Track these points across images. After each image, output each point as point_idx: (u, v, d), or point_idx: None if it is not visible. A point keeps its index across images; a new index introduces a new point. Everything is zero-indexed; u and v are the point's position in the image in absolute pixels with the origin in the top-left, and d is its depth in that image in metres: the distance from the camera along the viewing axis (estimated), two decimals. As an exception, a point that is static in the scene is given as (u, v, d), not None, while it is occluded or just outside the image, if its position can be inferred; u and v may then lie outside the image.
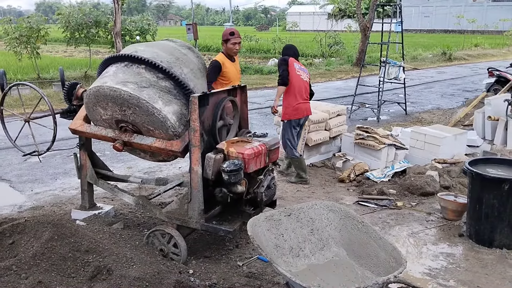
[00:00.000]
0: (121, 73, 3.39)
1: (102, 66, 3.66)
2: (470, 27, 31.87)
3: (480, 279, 3.33)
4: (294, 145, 5.30)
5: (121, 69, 3.43)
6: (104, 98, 3.36)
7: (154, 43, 3.95)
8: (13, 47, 12.80)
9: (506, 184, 3.61)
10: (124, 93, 3.25)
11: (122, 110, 3.36)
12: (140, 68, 3.40)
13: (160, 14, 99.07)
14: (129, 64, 3.43)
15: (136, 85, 3.29)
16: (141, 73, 3.37)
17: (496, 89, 9.38)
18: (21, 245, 2.93)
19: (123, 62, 3.47)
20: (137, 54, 3.41)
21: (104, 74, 3.52)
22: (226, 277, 3.21)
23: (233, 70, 4.74)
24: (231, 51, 4.72)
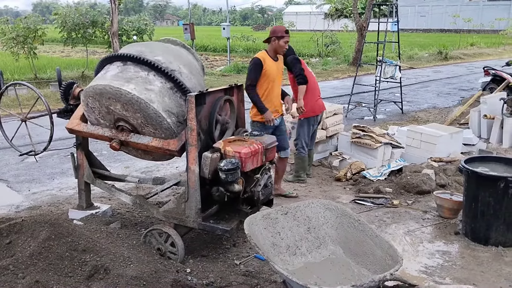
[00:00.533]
0: (120, 72, 3.40)
1: (100, 65, 3.66)
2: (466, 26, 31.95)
3: (476, 277, 3.35)
4: (306, 143, 5.29)
5: (120, 68, 3.43)
6: (101, 97, 3.36)
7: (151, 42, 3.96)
8: (10, 47, 12.76)
9: (502, 182, 3.63)
10: (122, 92, 3.25)
11: (120, 109, 3.36)
12: (138, 68, 3.40)
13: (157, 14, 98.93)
14: (126, 63, 3.43)
15: (133, 84, 3.30)
16: (138, 72, 3.38)
17: (491, 88, 9.42)
18: (18, 245, 2.93)
19: (122, 61, 3.47)
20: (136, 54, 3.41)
21: (102, 73, 3.52)
22: (223, 276, 3.22)
23: (274, 69, 4.54)
24: (282, 49, 4.51)
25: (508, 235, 3.75)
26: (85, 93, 3.48)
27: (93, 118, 3.62)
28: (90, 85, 3.45)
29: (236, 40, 27.50)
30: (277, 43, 4.47)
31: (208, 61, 21.91)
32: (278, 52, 4.55)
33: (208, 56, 24.65)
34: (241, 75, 16.61)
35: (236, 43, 26.59)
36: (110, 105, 3.38)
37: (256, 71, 4.41)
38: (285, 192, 4.96)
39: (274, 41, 4.47)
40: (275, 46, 4.50)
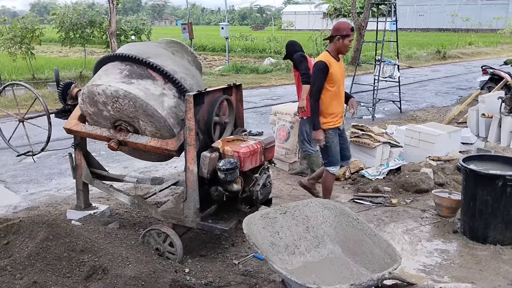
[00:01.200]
0: (117, 72, 3.39)
1: (98, 64, 3.65)
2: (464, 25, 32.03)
3: (474, 275, 3.35)
4: (310, 142, 5.28)
5: (119, 68, 3.42)
6: (99, 96, 3.35)
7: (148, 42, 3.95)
8: (8, 48, 12.74)
9: (500, 181, 3.63)
10: (121, 92, 3.24)
11: (119, 109, 3.35)
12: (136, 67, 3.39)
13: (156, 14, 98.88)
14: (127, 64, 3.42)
15: (134, 85, 3.29)
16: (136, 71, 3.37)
17: (490, 87, 9.44)
18: (16, 246, 2.92)
19: (121, 61, 3.46)
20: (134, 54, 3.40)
21: (99, 73, 3.51)
22: (222, 276, 3.22)
23: (338, 71, 4.15)
24: (346, 49, 4.17)
25: (506, 233, 3.75)
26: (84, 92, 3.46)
27: (92, 118, 3.61)
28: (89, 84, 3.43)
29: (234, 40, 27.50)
30: (341, 42, 4.09)
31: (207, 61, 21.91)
32: (341, 52, 4.17)
33: (206, 56, 24.64)
34: (239, 74, 16.61)
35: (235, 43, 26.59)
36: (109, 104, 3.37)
37: (322, 76, 4.04)
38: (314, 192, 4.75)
39: (338, 40, 4.09)
40: (338, 45, 4.12)
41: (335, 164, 4.31)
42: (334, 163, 4.30)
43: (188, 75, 3.55)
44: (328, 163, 4.31)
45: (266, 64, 18.87)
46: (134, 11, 74.44)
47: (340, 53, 4.18)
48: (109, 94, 3.30)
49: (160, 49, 3.61)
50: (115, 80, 3.32)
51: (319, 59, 4.13)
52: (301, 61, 4.98)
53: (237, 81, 4.14)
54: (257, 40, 26.69)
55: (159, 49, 3.61)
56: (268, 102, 11.18)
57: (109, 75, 3.39)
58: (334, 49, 4.14)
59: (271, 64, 18.87)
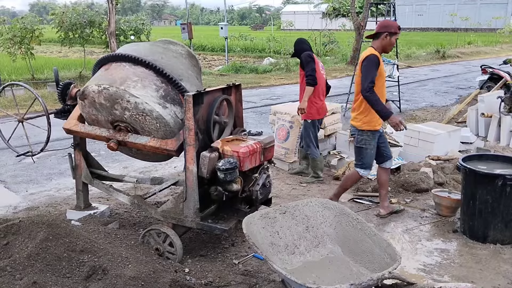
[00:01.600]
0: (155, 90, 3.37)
1: (97, 64, 3.64)
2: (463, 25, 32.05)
3: (475, 274, 3.35)
4: (315, 144, 5.27)
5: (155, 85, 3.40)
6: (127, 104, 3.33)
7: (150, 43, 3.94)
8: (7, 48, 12.73)
9: (500, 180, 3.64)
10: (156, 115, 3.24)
11: (119, 109, 3.35)
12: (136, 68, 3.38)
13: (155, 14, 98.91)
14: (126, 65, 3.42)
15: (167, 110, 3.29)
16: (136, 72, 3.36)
17: (489, 86, 9.45)
18: (16, 246, 2.92)
19: (120, 62, 3.46)
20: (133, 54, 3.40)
21: (99, 73, 3.51)
22: (222, 276, 3.21)
23: (383, 69, 4.09)
24: (391, 46, 4.05)
25: (506, 232, 3.75)
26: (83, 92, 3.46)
27: (91, 118, 3.60)
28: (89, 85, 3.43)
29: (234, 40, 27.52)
30: (388, 39, 3.96)
31: (206, 61, 21.91)
32: (386, 50, 4.04)
33: (206, 56, 24.65)
34: (239, 74, 16.61)
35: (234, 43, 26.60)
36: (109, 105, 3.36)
37: (375, 68, 3.87)
38: (395, 209, 4.41)
39: (386, 37, 3.95)
40: (385, 42, 3.98)
41: (366, 168, 4.20)
42: (367, 166, 4.19)
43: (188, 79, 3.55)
44: (360, 165, 4.21)
45: (265, 64, 18.88)
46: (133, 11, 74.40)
47: (384, 51, 4.03)
48: (140, 109, 3.28)
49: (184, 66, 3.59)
50: (152, 99, 3.28)
51: (371, 52, 3.93)
52: (308, 61, 4.93)
53: (237, 81, 4.14)
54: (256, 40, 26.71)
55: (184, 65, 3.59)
56: (268, 102, 11.18)
57: (146, 88, 3.31)
58: (380, 46, 4.00)
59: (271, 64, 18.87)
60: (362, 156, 4.18)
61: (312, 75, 4.89)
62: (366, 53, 3.98)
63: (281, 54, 22.04)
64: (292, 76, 16.35)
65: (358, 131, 4.14)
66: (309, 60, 4.95)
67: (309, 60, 4.95)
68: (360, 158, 4.21)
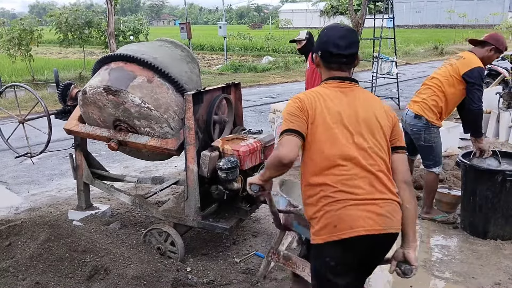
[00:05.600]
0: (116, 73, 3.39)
1: (97, 65, 3.65)
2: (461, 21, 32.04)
3: (475, 270, 3.36)
4: None
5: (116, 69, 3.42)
6: (100, 97, 3.35)
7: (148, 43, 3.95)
8: (7, 50, 12.74)
9: (499, 176, 3.65)
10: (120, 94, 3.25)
11: (119, 110, 3.35)
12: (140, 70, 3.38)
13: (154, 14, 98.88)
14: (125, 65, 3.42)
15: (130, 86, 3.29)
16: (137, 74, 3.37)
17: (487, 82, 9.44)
18: (18, 247, 2.93)
19: (120, 62, 3.46)
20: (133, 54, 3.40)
21: (98, 73, 3.51)
22: (223, 274, 3.23)
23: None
24: (490, 61, 4.00)
25: (506, 228, 3.76)
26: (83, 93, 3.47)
27: (91, 119, 3.61)
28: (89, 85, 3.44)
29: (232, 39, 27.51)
30: (492, 54, 3.88)
31: (205, 60, 21.90)
32: (485, 62, 3.91)
33: (205, 55, 24.63)
34: (238, 73, 16.62)
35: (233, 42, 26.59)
36: (109, 105, 3.37)
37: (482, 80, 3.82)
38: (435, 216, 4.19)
39: (491, 51, 3.86)
40: (488, 55, 3.88)
41: (440, 164, 4.10)
42: (440, 163, 4.09)
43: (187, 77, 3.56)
44: (434, 164, 4.04)
45: (264, 63, 18.88)
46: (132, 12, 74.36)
47: (483, 62, 3.88)
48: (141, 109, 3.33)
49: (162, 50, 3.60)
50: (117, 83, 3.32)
51: (479, 64, 3.80)
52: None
53: (236, 79, 4.15)
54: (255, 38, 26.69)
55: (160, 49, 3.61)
56: (267, 101, 11.18)
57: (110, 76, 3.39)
58: (483, 57, 3.88)
59: (270, 62, 18.87)
60: (434, 154, 4.04)
61: None
62: (475, 63, 3.81)
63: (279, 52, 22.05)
64: (291, 74, 16.36)
65: (427, 129, 3.93)
66: None
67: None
68: (432, 156, 4.05)
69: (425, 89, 4.03)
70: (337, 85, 2.05)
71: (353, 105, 2.00)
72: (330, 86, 2.06)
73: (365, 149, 1.93)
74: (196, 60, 3.85)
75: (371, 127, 1.98)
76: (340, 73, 2.07)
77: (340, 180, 1.88)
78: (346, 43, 2.02)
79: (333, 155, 1.91)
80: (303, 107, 2.01)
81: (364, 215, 1.84)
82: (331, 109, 1.97)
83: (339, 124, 1.95)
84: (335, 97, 2.01)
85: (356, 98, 2.03)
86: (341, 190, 1.87)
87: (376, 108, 2.05)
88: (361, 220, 1.83)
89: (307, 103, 2.00)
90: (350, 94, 2.04)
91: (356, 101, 2.02)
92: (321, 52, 2.07)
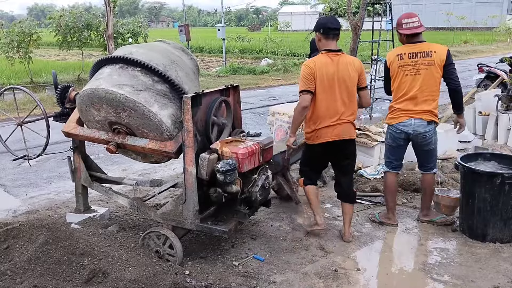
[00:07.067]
0: (116, 75, 3.38)
1: (95, 67, 3.64)
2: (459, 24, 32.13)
3: (474, 273, 3.36)
4: None
5: (116, 71, 3.41)
6: (98, 100, 3.35)
7: (148, 44, 3.94)
8: (5, 52, 12.73)
9: (498, 179, 3.65)
10: (120, 96, 3.24)
11: (117, 112, 3.35)
12: (135, 70, 3.38)
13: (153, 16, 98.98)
14: (124, 66, 3.41)
15: (132, 88, 3.28)
16: (136, 75, 3.36)
17: (486, 85, 9.47)
18: (16, 250, 2.92)
19: (117, 64, 3.46)
20: (132, 56, 3.40)
21: (98, 75, 3.51)
22: (222, 277, 3.22)
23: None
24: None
25: (505, 231, 3.76)
26: (81, 96, 3.46)
27: (89, 121, 3.60)
28: (86, 88, 3.43)
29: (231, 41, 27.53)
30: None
31: (204, 62, 21.91)
32: None
33: (203, 57, 24.65)
34: (236, 75, 16.63)
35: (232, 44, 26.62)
36: (106, 108, 3.36)
37: None
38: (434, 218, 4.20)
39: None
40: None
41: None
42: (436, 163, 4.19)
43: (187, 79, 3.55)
44: (434, 165, 4.09)
45: (263, 65, 18.90)
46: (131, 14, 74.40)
47: None
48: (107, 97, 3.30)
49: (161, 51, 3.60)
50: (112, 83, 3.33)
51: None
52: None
53: (235, 82, 4.13)
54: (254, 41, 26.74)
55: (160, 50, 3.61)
56: (266, 103, 11.18)
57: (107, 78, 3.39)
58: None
59: (268, 64, 18.89)
60: (436, 154, 4.10)
61: None
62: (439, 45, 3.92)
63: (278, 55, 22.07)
64: (289, 76, 16.37)
65: (434, 131, 3.94)
66: None
67: None
68: (435, 157, 4.09)
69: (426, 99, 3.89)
70: (329, 55, 3.57)
71: (338, 68, 3.55)
72: (326, 55, 3.58)
73: (342, 98, 3.58)
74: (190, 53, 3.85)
75: (345, 81, 3.57)
76: (332, 45, 3.60)
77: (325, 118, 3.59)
78: (336, 23, 3.64)
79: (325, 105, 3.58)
80: (312, 72, 3.52)
81: (330, 131, 3.61)
82: (325, 73, 3.52)
83: (328, 83, 3.53)
84: (329, 63, 3.54)
85: (340, 63, 3.56)
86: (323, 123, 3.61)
87: (351, 66, 3.58)
88: (329, 134, 3.62)
89: (314, 69, 3.51)
90: (336, 60, 3.57)
91: (340, 65, 3.56)
92: (323, 29, 3.58)
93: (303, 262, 3.55)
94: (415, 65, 3.80)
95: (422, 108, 3.87)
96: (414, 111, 3.87)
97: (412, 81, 3.83)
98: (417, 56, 3.80)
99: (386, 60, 3.96)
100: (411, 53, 3.83)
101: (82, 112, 3.58)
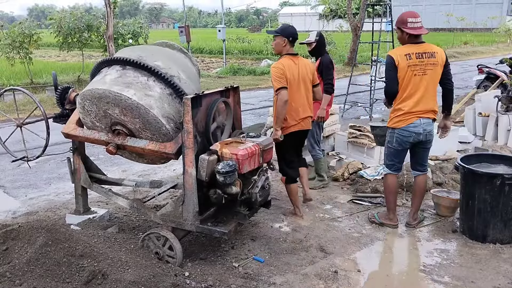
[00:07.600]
0: (119, 77, 3.38)
1: (96, 68, 3.64)
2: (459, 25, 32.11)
3: (475, 274, 3.36)
4: (319, 145, 5.19)
5: (119, 73, 3.41)
6: (98, 101, 3.34)
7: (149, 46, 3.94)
8: (6, 53, 12.73)
9: (498, 179, 3.65)
10: (122, 97, 3.24)
11: (117, 113, 3.35)
12: (137, 72, 3.38)
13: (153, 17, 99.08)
14: (125, 68, 3.42)
15: (133, 90, 3.28)
16: (138, 77, 3.36)
17: (486, 86, 9.48)
18: (15, 251, 2.91)
19: (121, 65, 3.46)
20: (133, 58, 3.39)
21: (100, 76, 3.51)
22: (222, 279, 3.21)
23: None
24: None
25: (505, 232, 3.76)
26: (82, 96, 3.46)
27: (89, 122, 3.60)
28: (87, 88, 3.43)
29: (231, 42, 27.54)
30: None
31: (204, 63, 21.92)
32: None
33: (204, 58, 24.65)
34: (237, 76, 16.63)
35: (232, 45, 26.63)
36: (108, 109, 3.36)
37: None
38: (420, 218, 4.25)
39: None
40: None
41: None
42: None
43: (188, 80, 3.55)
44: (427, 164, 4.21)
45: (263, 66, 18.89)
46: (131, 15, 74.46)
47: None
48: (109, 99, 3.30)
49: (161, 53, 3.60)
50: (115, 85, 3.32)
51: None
52: (330, 68, 4.89)
53: (235, 83, 4.14)
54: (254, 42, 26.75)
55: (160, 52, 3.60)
56: (266, 104, 11.18)
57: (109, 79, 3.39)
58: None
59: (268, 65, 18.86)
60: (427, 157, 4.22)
61: (332, 84, 4.85)
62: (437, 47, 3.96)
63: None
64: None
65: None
66: (331, 67, 4.91)
67: (330, 67, 4.90)
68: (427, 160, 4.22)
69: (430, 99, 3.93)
70: (291, 58, 4.13)
71: (299, 69, 4.11)
72: (289, 58, 4.13)
73: (306, 94, 4.20)
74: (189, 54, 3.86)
75: (305, 80, 4.17)
76: (292, 50, 4.21)
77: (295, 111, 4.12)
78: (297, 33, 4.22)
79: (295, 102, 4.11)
80: (284, 72, 4.01)
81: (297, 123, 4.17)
82: (292, 74, 4.06)
83: (296, 82, 4.09)
84: (292, 65, 4.09)
85: (300, 65, 4.13)
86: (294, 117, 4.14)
87: (307, 67, 4.21)
88: (297, 125, 4.18)
89: (284, 70, 4.01)
90: (297, 62, 4.14)
91: (300, 67, 4.13)
92: (292, 37, 4.16)
93: (303, 263, 3.54)
94: (422, 65, 3.81)
95: (428, 107, 3.91)
96: (422, 111, 3.90)
97: (420, 81, 3.83)
98: (423, 56, 3.81)
99: (390, 59, 3.86)
100: (418, 53, 3.82)
101: (83, 113, 3.57)
